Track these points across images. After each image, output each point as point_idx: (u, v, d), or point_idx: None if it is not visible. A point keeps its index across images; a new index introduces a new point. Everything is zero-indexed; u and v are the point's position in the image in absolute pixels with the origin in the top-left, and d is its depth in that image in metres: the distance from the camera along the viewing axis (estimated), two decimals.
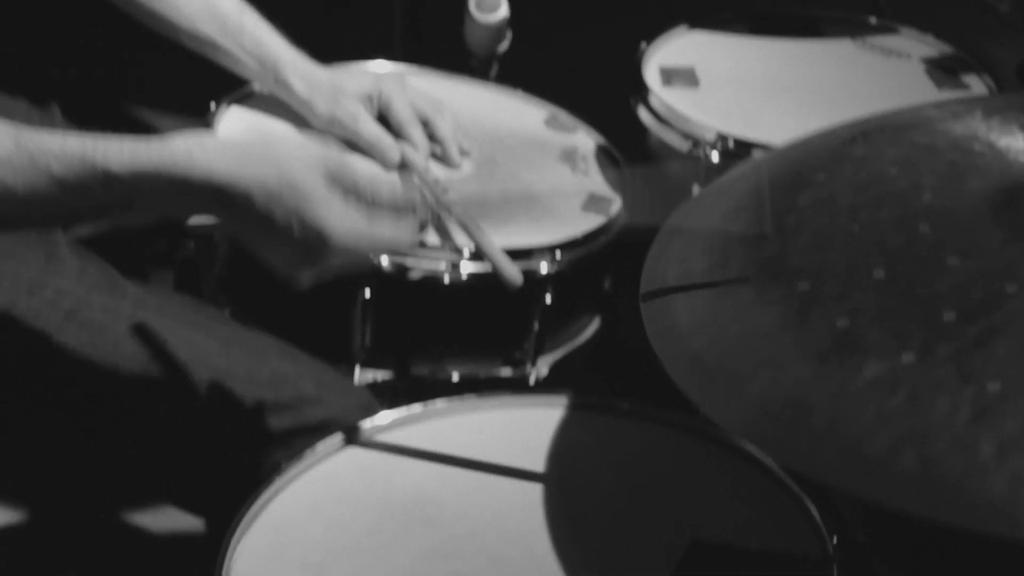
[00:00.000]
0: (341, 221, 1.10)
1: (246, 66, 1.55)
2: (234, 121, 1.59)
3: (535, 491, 1.20)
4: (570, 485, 1.21)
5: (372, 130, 1.53)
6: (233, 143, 1.11)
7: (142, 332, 1.32)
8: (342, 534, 1.14)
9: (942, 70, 1.71)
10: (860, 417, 0.95)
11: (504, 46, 1.84)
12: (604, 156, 1.68)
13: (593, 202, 1.58)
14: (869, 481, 0.91)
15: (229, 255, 1.52)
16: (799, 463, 0.94)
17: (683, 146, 1.56)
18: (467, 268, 1.44)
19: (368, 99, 1.55)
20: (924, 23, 1.84)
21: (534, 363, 1.52)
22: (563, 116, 1.75)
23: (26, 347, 1.28)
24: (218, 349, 1.35)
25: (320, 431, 1.28)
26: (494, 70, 1.88)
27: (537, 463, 1.23)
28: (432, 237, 1.43)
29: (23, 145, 1.07)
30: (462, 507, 1.18)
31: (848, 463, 0.92)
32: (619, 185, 1.62)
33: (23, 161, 1.06)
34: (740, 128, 1.55)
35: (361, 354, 1.47)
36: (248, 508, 1.14)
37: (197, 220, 1.19)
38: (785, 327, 1.05)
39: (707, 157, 1.52)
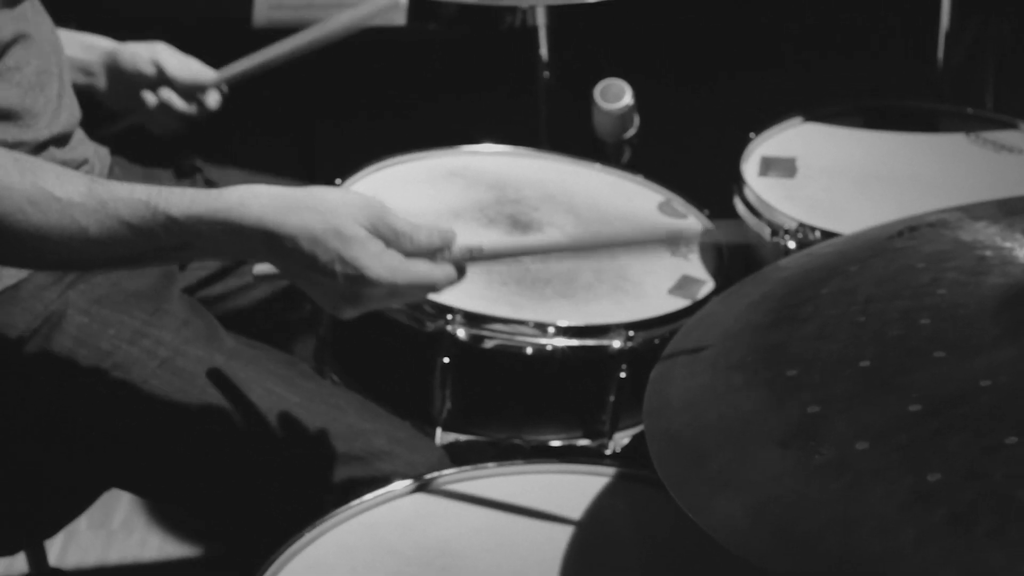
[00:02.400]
0: (379, 262, 1.20)
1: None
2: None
3: (556, 556, 1.26)
4: (593, 551, 1.27)
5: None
6: (282, 193, 1.23)
7: (227, 381, 1.46)
8: None
9: None
10: (800, 499, 0.98)
11: (631, 132, 1.92)
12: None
13: (683, 285, 1.64)
14: (787, 559, 0.94)
15: (331, 319, 1.65)
16: (726, 537, 0.97)
17: (766, 234, 1.60)
18: (548, 341, 1.53)
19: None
20: None
21: (611, 436, 1.58)
22: (677, 202, 1.82)
23: (121, 388, 1.43)
24: (299, 402, 1.47)
25: (386, 483, 1.38)
26: (626, 155, 1.96)
27: (567, 527, 1.29)
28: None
29: (95, 191, 1.21)
30: (479, 564, 1.24)
31: (773, 541, 0.95)
32: (716, 270, 1.68)
33: (95, 204, 1.21)
34: (822, 219, 1.58)
35: (441, 417, 1.56)
36: (288, 547, 1.25)
37: (261, 270, 1.31)
38: (761, 410, 1.09)
39: (785, 245, 1.56)
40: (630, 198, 1.83)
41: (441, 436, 1.57)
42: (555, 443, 1.57)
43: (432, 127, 1.94)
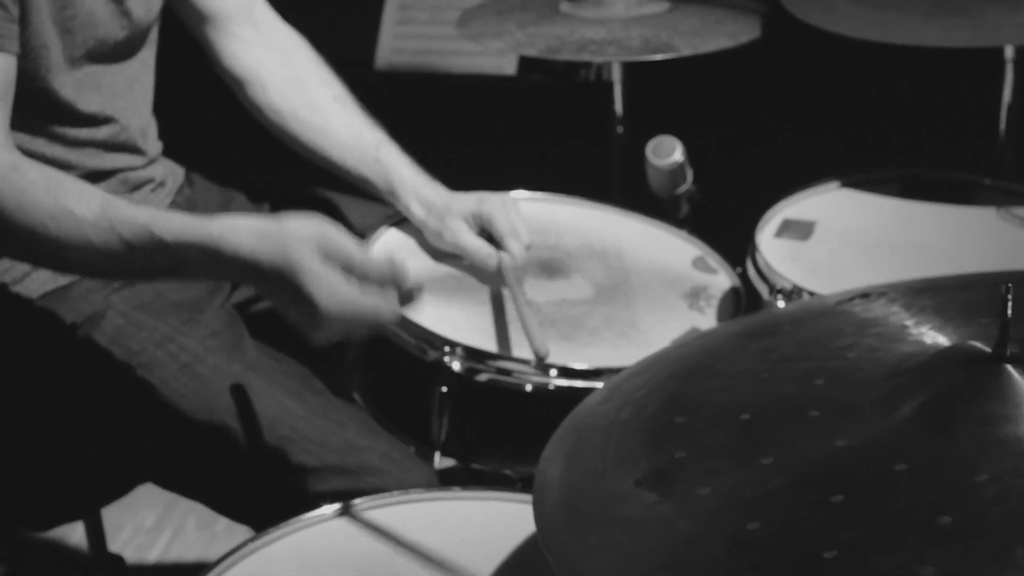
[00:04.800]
0: (329, 290, 1.34)
1: (380, 191, 1.83)
2: (389, 239, 1.87)
3: None
4: None
5: (471, 242, 1.76)
6: (256, 227, 1.37)
7: (240, 390, 1.59)
8: None
9: None
10: (635, 537, 1.04)
11: (683, 188, 1.98)
12: (732, 299, 1.78)
13: (688, 338, 1.69)
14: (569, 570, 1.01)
15: (358, 344, 1.77)
16: (560, 564, 1.04)
17: (766, 292, 1.65)
18: (538, 379, 1.61)
19: (471, 216, 1.78)
20: None
21: None
22: (712, 258, 1.87)
23: (143, 386, 1.59)
24: (303, 414, 1.60)
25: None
26: (684, 210, 2.02)
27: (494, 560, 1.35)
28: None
29: (106, 212, 1.39)
30: None
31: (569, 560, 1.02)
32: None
33: (105, 224, 1.39)
34: (818, 282, 1.62)
35: (439, 442, 1.66)
36: (226, 558, 1.35)
37: None
38: (638, 452, 1.15)
39: (776, 305, 1.60)
40: (667, 251, 1.89)
41: (439, 460, 1.67)
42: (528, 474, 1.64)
43: (507, 172, 2.04)
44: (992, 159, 1.96)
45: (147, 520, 2.66)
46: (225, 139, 2.43)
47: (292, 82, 1.86)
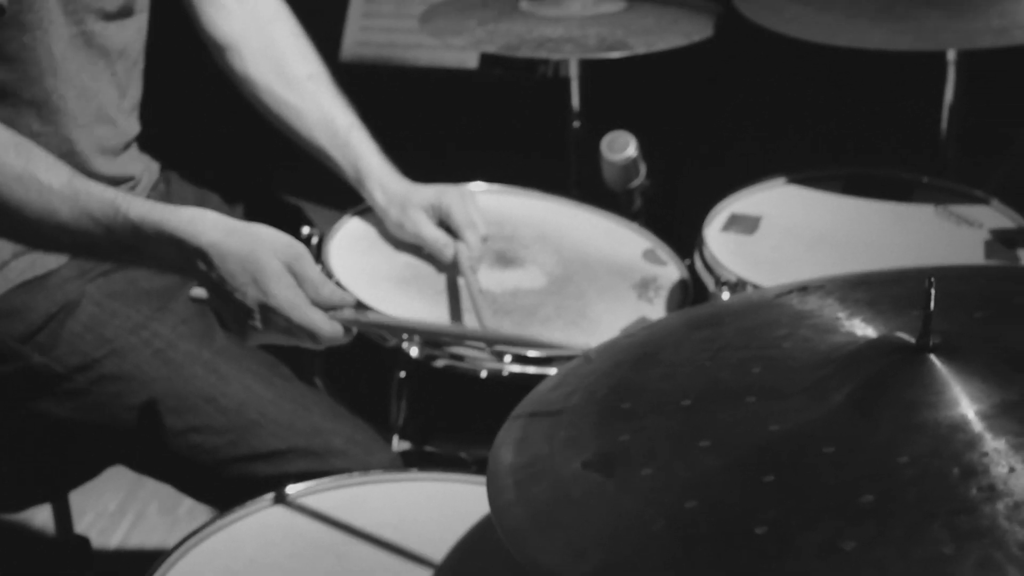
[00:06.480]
0: (284, 295, 1.39)
1: (346, 175, 1.89)
2: (351, 227, 1.94)
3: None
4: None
5: (430, 233, 1.83)
6: (225, 221, 1.42)
7: (210, 374, 1.66)
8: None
9: (1003, 242, 1.76)
10: (581, 516, 1.11)
11: (637, 182, 2.06)
12: (680, 290, 1.86)
13: (636, 327, 1.77)
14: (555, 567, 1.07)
15: None
16: (506, 532, 1.11)
17: (711, 284, 1.73)
18: (490, 365, 1.68)
19: (431, 208, 1.84)
20: None
21: None
22: (662, 250, 1.94)
23: (117, 371, 1.65)
24: (272, 398, 1.66)
25: None
26: (637, 204, 2.10)
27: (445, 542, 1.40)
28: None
29: (73, 184, 1.43)
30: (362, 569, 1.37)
31: (546, 545, 1.09)
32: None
33: (70, 194, 1.42)
34: (761, 275, 1.70)
35: (398, 425, 1.73)
36: (191, 536, 1.40)
37: (196, 293, 1.50)
38: (588, 433, 1.23)
39: (720, 297, 1.68)
40: (619, 243, 1.96)
41: (397, 443, 1.74)
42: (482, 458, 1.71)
43: (467, 164, 2.10)
44: (935, 158, 2.04)
45: (110, 504, 2.69)
46: (201, 138, 2.48)
47: (269, 54, 1.91)
